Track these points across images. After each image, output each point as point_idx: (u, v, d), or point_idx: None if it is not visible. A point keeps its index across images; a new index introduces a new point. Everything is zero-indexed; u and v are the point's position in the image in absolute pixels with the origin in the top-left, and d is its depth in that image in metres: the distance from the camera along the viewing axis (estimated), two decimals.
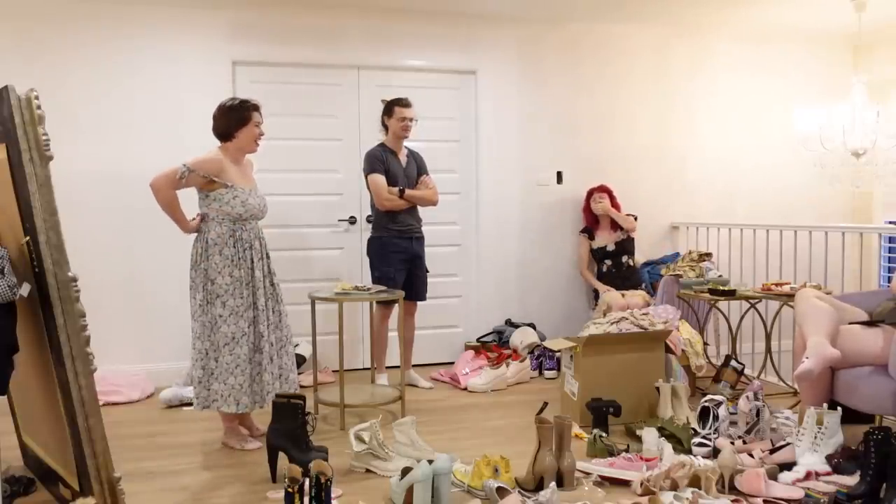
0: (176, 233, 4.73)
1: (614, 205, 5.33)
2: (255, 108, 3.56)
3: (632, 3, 5.08)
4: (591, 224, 5.41)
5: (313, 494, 2.50)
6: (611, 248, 5.29)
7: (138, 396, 4.43)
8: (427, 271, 4.65)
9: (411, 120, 4.43)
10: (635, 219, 5.34)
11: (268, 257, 3.61)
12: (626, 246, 5.30)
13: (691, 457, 3.11)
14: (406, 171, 4.51)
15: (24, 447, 3.19)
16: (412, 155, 4.59)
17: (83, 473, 2.51)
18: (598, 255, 5.34)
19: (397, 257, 4.45)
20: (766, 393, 3.75)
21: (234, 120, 3.52)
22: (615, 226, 5.32)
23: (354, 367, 5.16)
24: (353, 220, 5.20)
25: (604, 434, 3.42)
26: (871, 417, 3.58)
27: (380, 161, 4.40)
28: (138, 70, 4.72)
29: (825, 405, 3.23)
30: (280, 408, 3.10)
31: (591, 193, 5.39)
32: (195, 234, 3.55)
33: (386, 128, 4.48)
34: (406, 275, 4.50)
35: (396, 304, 4.17)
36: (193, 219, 3.57)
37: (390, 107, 4.44)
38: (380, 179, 4.36)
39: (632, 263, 5.32)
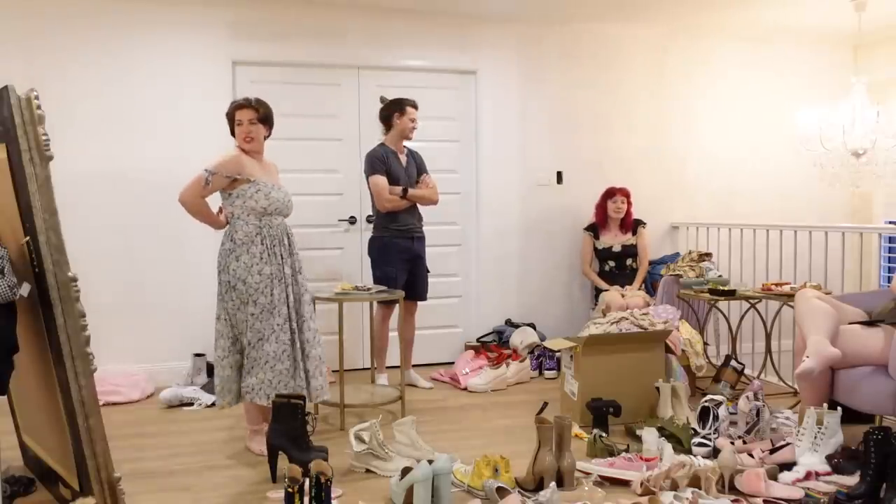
0: (176, 232, 4.77)
1: (629, 210, 5.30)
2: (237, 106, 3.52)
3: (632, 3, 5.08)
4: (601, 222, 5.36)
5: (313, 494, 2.50)
6: (616, 249, 5.28)
7: (138, 396, 4.43)
8: (428, 271, 4.65)
9: (417, 121, 4.45)
10: (644, 225, 5.34)
11: (297, 254, 3.58)
12: (631, 249, 5.29)
13: (691, 457, 3.11)
14: (407, 170, 4.51)
15: (24, 447, 3.19)
16: (411, 154, 4.59)
17: (83, 473, 2.51)
18: (602, 254, 5.32)
19: (399, 257, 4.45)
20: (766, 393, 3.75)
21: (230, 123, 3.56)
22: (625, 229, 5.30)
23: (354, 367, 5.16)
24: (353, 220, 5.20)
25: (604, 434, 3.42)
26: (871, 417, 3.58)
27: (381, 162, 4.39)
28: (138, 70, 4.72)
29: (825, 405, 3.23)
30: (280, 408, 3.10)
31: (611, 193, 5.30)
32: (221, 235, 3.53)
33: (387, 126, 4.47)
34: (407, 275, 4.50)
35: (397, 304, 4.17)
36: (219, 212, 3.60)
37: (402, 105, 4.42)
38: (381, 181, 4.36)
39: (635, 266, 5.31)
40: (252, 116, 3.48)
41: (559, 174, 5.56)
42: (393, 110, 4.44)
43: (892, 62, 5.76)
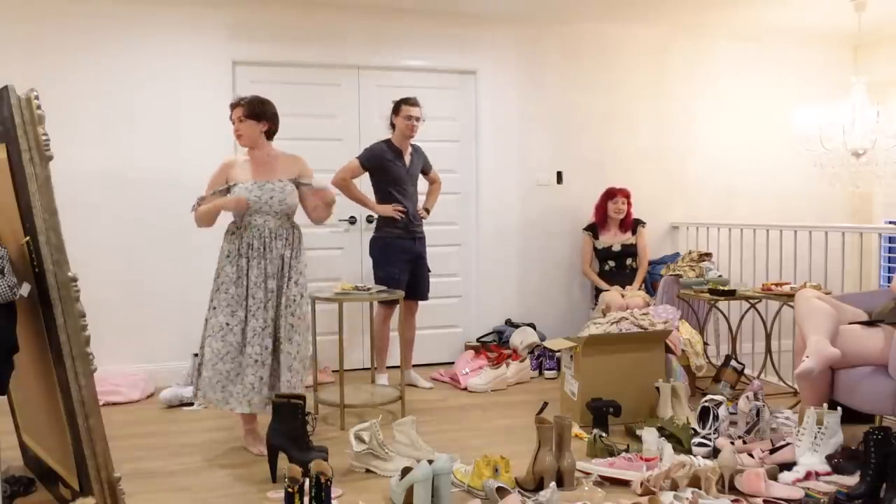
0: (176, 232, 4.78)
1: (629, 210, 5.27)
2: (230, 106, 3.57)
3: (632, 3, 5.08)
4: (600, 222, 5.34)
5: (313, 494, 2.50)
6: (616, 248, 5.27)
7: (138, 396, 4.43)
8: (429, 271, 4.66)
9: (417, 119, 4.45)
10: (644, 224, 5.33)
11: (281, 258, 3.46)
12: (631, 249, 5.29)
13: (691, 457, 3.11)
14: (409, 170, 4.52)
15: (24, 447, 3.19)
16: (416, 153, 4.60)
17: (83, 473, 2.51)
18: (602, 254, 5.31)
19: (401, 257, 4.46)
20: (766, 393, 3.75)
21: None
22: (625, 229, 5.29)
23: (354, 367, 5.16)
24: (353, 220, 5.20)
25: (604, 434, 3.42)
26: (871, 417, 3.58)
27: (373, 158, 4.44)
28: (138, 70, 4.72)
29: (825, 405, 3.23)
30: (280, 408, 3.10)
31: (611, 194, 5.27)
32: (221, 237, 3.58)
33: (393, 126, 4.50)
34: (409, 275, 4.50)
35: (397, 304, 4.17)
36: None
37: (398, 105, 4.47)
38: (352, 166, 4.45)
39: (635, 266, 5.30)
40: (240, 114, 3.50)
41: (559, 174, 5.56)
42: (392, 112, 4.50)
43: (892, 62, 5.76)
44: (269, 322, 3.40)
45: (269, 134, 3.59)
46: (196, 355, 4.60)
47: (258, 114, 3.50)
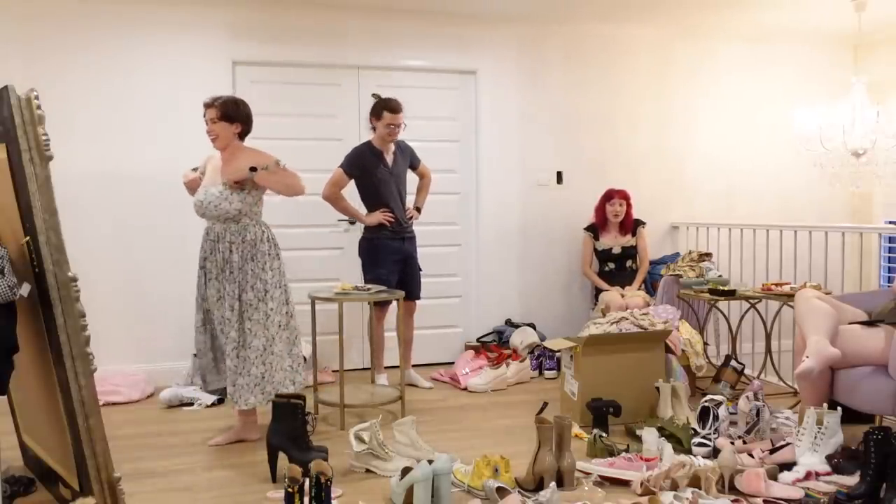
0: (176, 232, 4.79)
1: (629, 212, 5.26)
2: (205, 105, 3.56)
3: (632, 3, 5.08)
4: (600, 224, 5.31)
5: (313, 494, 2.50)
6: (616, 251, 5.26)
7: (138, 396, 4.43)
8: (420, 270, 4.65)
9: (398, 126, 4.38)
10: (644, 224, 5.32)
11: (227, 262, 3.48)
12: (631, 251, 5.28)
13: (691, 457, 3.11)
14: (393, 170, 4.49)
15: (24, 447, 3.19)
16: (400, 151, 4.54)
17: (83, 473, 2.51)
18: (602, 255, 5.30)
19: (390, 258, 4.45)
20: (766, 393, 3.75)
21: None
22: (625, 230, 5.28)
23: (354, 367, 5.16)
24: (352, 221, 5.19)
25: (604, 434, 3.42)
26: (871, 417, 3.58)
27: (356, 165, 4.41)
28: (138, 70, 4.72)
29: (825, 405, 3.23)
30: (280, 408, 3.10)
31: (609, 196, 5.24)
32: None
33: (374, 128, 4.45)
34: (400, 274, 4.49)
35: (392, 305, 4.17)
36: None
37: (379, 110, 4.38)
38: (337, 178, 4.44)
39: (635, 267, 5.29)
40: (213, 115, 3.51)
41: (559, 174, 5.56)
42: (372, 114, 4.43)
43: (892, 62, 5.76)
44: (226, 320, 3.50)
45: (242, 135, 3.59)
46: (195, 355, 4.64)
47: (231, 115, 3.51)
